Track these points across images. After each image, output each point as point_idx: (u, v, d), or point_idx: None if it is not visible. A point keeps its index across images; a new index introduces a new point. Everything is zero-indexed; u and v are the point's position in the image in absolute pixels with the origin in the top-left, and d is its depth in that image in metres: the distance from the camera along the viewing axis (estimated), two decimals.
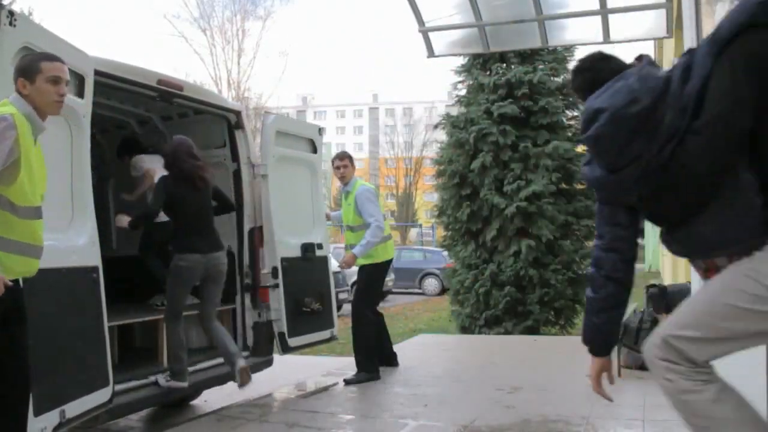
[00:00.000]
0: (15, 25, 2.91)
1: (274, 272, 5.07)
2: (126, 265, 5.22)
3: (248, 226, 5.18)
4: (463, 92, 10.44)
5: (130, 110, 5.53)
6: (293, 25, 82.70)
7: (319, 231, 5.65)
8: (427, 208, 38.67)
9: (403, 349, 6.68)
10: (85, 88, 3.55)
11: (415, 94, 64.24)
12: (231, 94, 27.42)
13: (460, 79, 10.45)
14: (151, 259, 5.25)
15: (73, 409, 3.17)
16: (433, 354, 7.12)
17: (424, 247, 24.71)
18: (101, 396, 3.41)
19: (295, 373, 5.84)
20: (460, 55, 9.64)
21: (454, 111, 10.89)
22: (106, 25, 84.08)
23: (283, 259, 5.11)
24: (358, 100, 69.21)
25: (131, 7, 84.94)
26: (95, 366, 3.42)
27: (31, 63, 2.64)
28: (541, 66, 9.84)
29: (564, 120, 9.86)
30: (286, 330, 5.04)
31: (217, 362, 4.84)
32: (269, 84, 77.59)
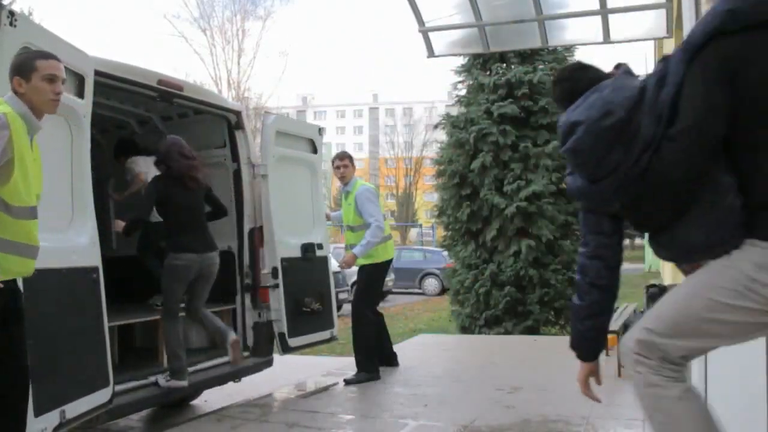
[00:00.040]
0: (15, 26, 2.91)
1: (274, 272, 5.07)
2: (126, 265, 5.22)
3: (248, 226, 5.19)
4: (463, 92, 10.44)
5: (130, 110, 5.53)
6: (293, 25, 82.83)
7: (319, 231, 5.66)
8: (427, 208, 38.66)
9: (403, 349, 6.68)
10: (85, 89, 3.55)
11: (415, 94, 64.44)
12: (231, 94, 27.41)
13: (460, 79, 10.45)
14: (150, 259, 5.25)
15: (74, 409, 3.17)
16: (433, 354, 7.12)
17: (424, 247, 24.71)
18: (101, 396, 3.41)
19: (295, 373, 5.85)
20: (460, 55, 9.64)
21: (454, 111, 10.88)
22: (106, 25, 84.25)
23: (283, 260, 5.12)
24: (358, 100, 69.26)
25: (131, 7, 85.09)
26: (95, 366, 3.42)
27: (26, 61, 2.60)
28: (541, 66, 9.84)
29: None
30: (286, 330, 5.04)
31: (217, 362, 4.85)
32: (269, 84, 77.78)
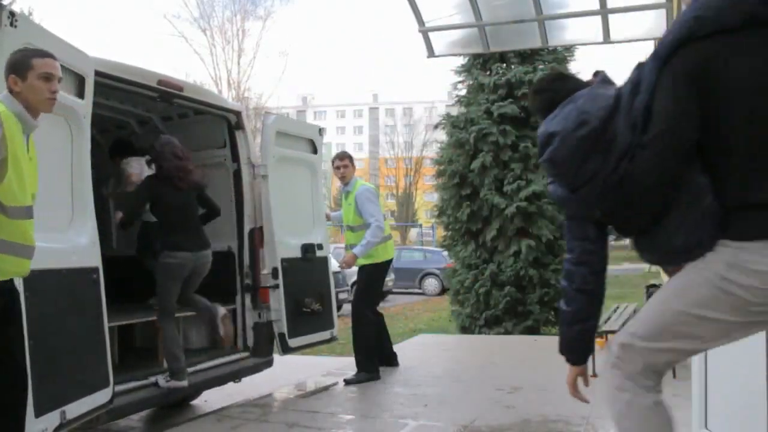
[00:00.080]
0: (16, 26, 2.90)
1: (275, 273, 5.07)
2: (126, 265, 5.22)
3: (248, 226, 5.18)
4: (463, 92, 10.43)
5: (130, 111, 5.53)
6: (293, 25, 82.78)
7: (320, 231, 5.66)
8: (427, 208, 38.64)
9: (403, 349, 6.68)
10: (86, 89, 3.55)
11: (415, 94, 64.35)
12: (231, 94, 27.42)
13: (460, 79, 10.44)
14: (149, 260, 5.25)
15: (74, 410, 3.16)
16: (433, 354, 7.12)
17: (424, 247, 24.70)
18: (101, 397, 3.41)
19: (295, 373, 5.85)
20: (460, 55, 9.63)
21: (454, 111, 10.88)
22: (106, 25, 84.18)
23: (284, 260, 5.11)
24: (358, 100, 69.21)
25: (131, 7, 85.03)
26: (95, 367, 3.42)
27: (22, 59, 2.57)
28: (541, 66, 9.83)
29: None
30: (286, 330, 5.04)
31: (217, 362, 4.85)
32: (269, 84, 77.71)
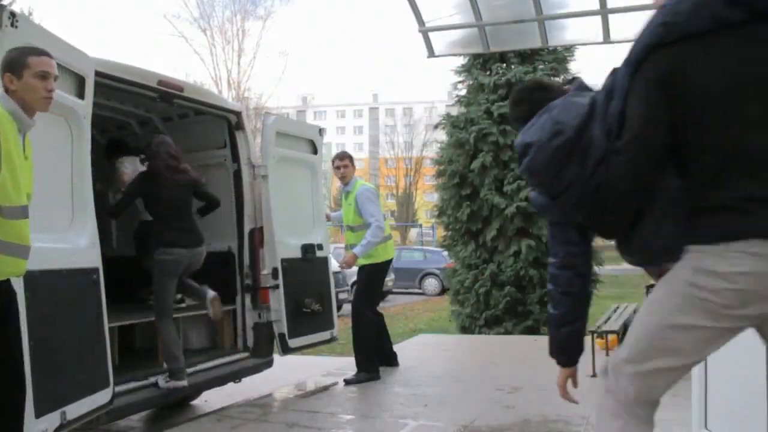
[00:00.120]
0: (16, 27, 2.90)
1: (275, 273, 5.07)
2: (126, 265, 5.22)
3: (248, 226, 5.19)
4: (463, 92, 10.43)
5: (131, 111, 5.53)
6: (293, 25, 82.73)
7: (320, 232, 5.66)
8: (427, 208, 38.63)
9: (403, 349, 6.68)
10: (86, 89, 3.55)
11: (415, 94, 64.33)
12: (231, 95, 27.43)
13: (460, 79, 10.44)
14: (148, 260, 5.25)
15: (74, 410, 3.16)
16: (433, 354, 7.12)
17: (424, 247, 24.70)
18: (102, 397, 3.41)
19: (295, 373, 5.85)
20: (460, 55, 9.63)
21: (454, 111, 10.88)
22: (106, 25, 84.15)
23: (284, 260, 5.12)
24: (358, 100, 69.18)
25: (131, 7, 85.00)
26: (96, 367, 3.42)
27: (17, 57, 2.54)
28: (541, 66, 9.83)
29: None
30: (286, 331, 5.04)
31: (217, 363, 4.85)
32: (269, 84, 77.66)
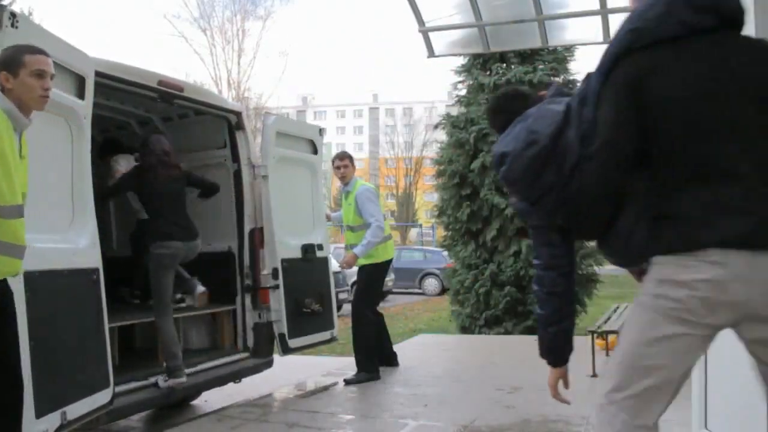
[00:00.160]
0: (17, 27, 2.90)
1: (275, 273, 5.07)
2: (126, 265, 5.22)
3: (249, 226, 5.18)
4: (463, 92, 10.44)
5: (131, 111, 5.52)
6: (293, 25, 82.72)
7: (320, 232, 5.66)
8: (427, 208, 38.62)
9: (403, 349, 6.69)
10: (86, 89, 3.55)
11: (415, 94, 64.27)
12: (231, 95, 27.41)
13: (460, 79, 10.45)
14: (145, 255, 5.26)
15: (74, 410, 3.16)
16: (433, 354, 7.12)
17: (424, 247, 24.70)
18: (102, 397, 3.41)
19: (295, 373, 5.85)
20: (460, 55, 9.64)
21: (454, 111, 10.89)
22: (106, 25, 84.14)
23: (284, 260, 5.11)
24: (358, 100, 69.13)
25: (131, 7, 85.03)
26: (96, 367, 3.42)
27: (14, 56, 2.52)
28: (541, 66, 9.85)
29: None
30: (286, 331, 5.04)
31: (217, 363, 4.85)
32: (269, 84, 77.30)
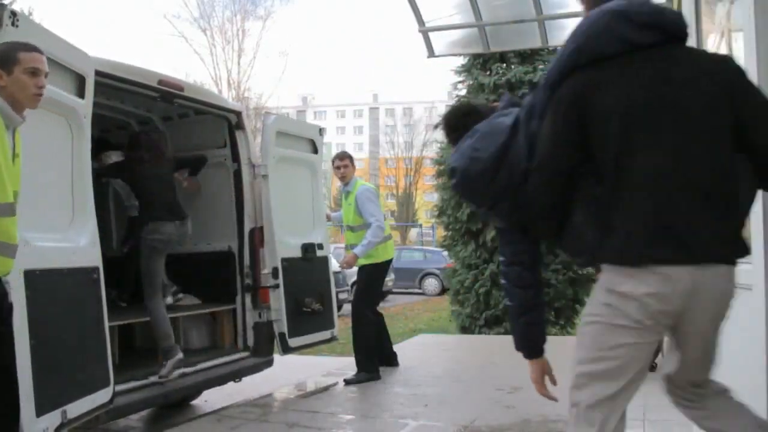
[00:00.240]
0: (17, 26, 2.90)
1: (275, 272, 5.07)
2: (120, 265, 5.21)
3: (249, 226, 5.18)
4: (463, 92, 10.43)
5: (131, 111, 5.52)
6: (293, 25, 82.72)
7: (320, 231, 5.66)
8: (427, 208, 38.62)
9: (403, 349, 6.68)
10: (86, 89, 3.55)
11: (415, 94, 64.20)
12: (231, 94, 27.39)
13: (460, 79, 10.45)
14: (135, 240, 5.29)
15: (75, 409, 3.17)
16: (433, 354, 7.12)
17: (424, 247, 24.72)
18: (102, 396, 3.41)
19: (295, 373, 5.85)
20: (460, 55, 9.63)
21: None
22: (106, 25, 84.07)
23: (284, 260, 5.11)
24: (358, 100, 69.11)
25: (131, 7, 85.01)
26: (96, 366, 3.42)
27: (7, 52, 2.48)
28: (541, 66, 9.83)
29: None
30: (286, 330, 5.04)
31: (217, 362, 4.85)
32: (269, 84, 77.16)
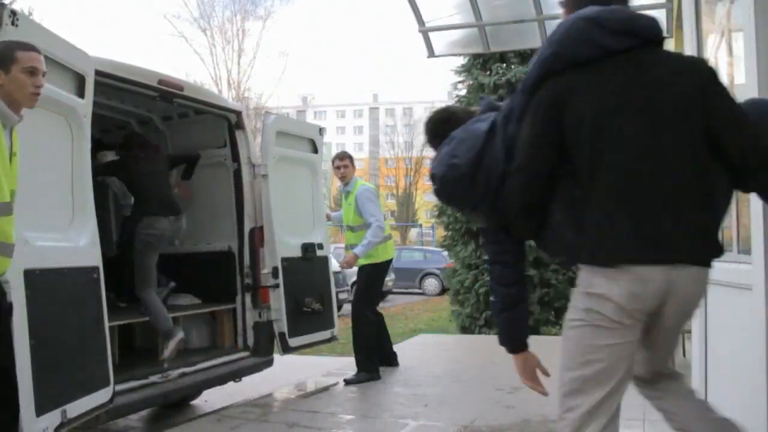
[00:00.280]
0: (17, 25, 2.89)
1: (275, 272, 5.06)
2: (125, 265, 5.21)
3: (249, 226, 5.18)
4: (463, 92, 10.45)
5: (131, 110, 5.52)
6: (293, 25, 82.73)
7: (320, 231, 5.65)
8: (427, 208, 38.64)
9: (403, 349, 6.68)
10: (86, 88, 3.54)
11: (415, 94, 64.23)
12: (231, 94, 27.38)
13: (460, 79, 10.46)
14: (129, 233, 5.30)
15: (74, 409, 3.16)
16: (433, 354, 7.12)
17: (424, 247, 24.73)
18: (102, 396, 3.41)
19: (295, 373, 5.85)
20: (460, 55, 9.64)
21: None
22: (106, 25, 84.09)
23: (284, 259, 5.11)
24: (358, 100, 69.12)
25: (131, 7, 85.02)
26: (96, 366, 3.42)
27: (5, 51, 2.48)
28: None
29: None
30: (286, 330, 5.03)
31: (217, 362, 4.85)
32: (269, 84, 77.06)
